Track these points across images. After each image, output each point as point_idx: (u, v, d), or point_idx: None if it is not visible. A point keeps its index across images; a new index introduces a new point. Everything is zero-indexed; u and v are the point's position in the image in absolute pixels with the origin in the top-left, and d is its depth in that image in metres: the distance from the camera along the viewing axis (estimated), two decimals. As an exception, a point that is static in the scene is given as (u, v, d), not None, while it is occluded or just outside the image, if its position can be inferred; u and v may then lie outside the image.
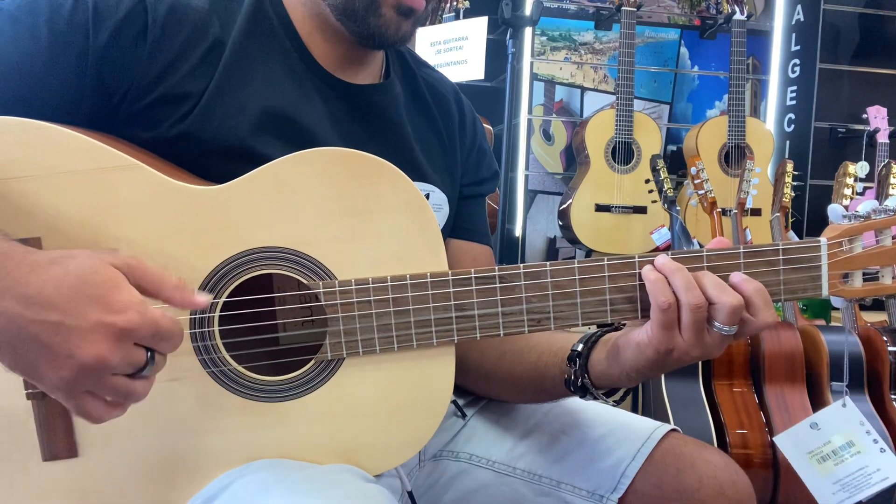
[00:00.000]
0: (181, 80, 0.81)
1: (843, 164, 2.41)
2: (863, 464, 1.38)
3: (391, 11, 0.85)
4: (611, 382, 0.83)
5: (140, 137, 0.80)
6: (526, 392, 0.95)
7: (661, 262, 0.77)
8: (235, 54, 0.84)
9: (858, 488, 1.39)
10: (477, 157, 1.09)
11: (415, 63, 1.04)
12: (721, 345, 0.77)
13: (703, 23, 3.28)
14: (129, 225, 0.74)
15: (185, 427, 0.77)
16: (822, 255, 0.79)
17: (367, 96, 0.94)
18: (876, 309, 2.55)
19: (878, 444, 1.35)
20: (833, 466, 1.42)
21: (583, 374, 0.84)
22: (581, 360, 0.84)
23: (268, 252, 0.76)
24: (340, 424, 0.79)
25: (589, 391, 0.84)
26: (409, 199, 0.78)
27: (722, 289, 0.75)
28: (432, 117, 1.02)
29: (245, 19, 0.86)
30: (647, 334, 0.76)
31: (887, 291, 0.80)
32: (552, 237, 3.21)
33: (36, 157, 0.72)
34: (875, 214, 0.80)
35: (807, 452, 1.44)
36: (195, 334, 0.76)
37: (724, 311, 0.74)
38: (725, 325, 0.75)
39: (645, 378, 0.80)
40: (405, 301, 0.78)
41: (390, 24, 0.86)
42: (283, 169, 0.76)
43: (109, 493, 0.76)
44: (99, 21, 0.77)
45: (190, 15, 0.82)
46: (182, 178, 0.77)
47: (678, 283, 0.75)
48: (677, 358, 0.76)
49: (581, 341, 0.86)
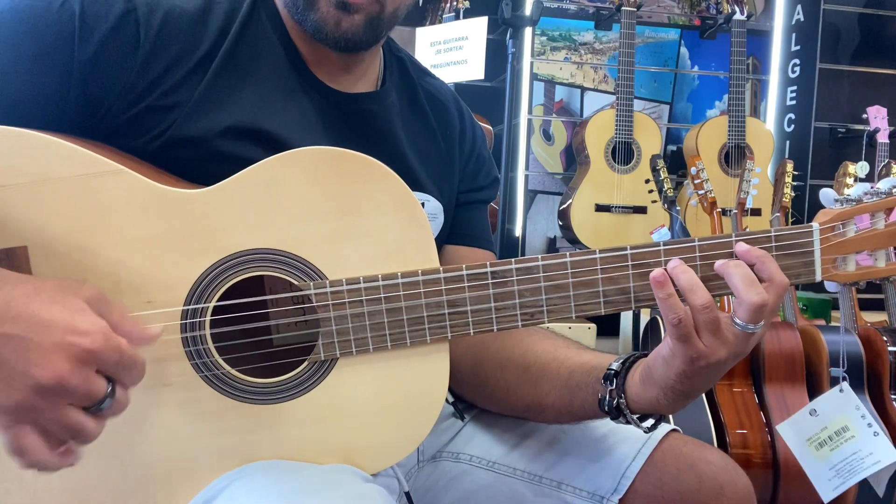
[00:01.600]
0: (171, 90, 0.79)
1: (843, 164, 2.41)
2: (857, 448, 1.39)
3: (327, 6, 0.83)
4: (649, 406, 0.80)
5: (125, 145, 0.79)
6: (548, 410, 0.90)
7: (672, 266, 0.75)
8: (226, 61, 0.83)
9: (852, 473, 1.41)
10: (476, 164, 1.08)
11: (415, 71, 1.03)
12: (746, 341, 0.74)
13: (703, 23, 3.28)
14: (115, 230, 0.73)
15: (180, 432, 0.77)
16: (815, 240, 0.79)
17: (359, 104, 0.93)
18: (876, 309, 2.54)
19: (871, 427, 1.35)
20: (829, 452, 1.43)
21: (619, 394, 0.80)
22: (619, 379, 0.81)
23: (257, 254, 0.76)
24: (336, 424, 0.79)
25: (623, 413, 0.81)
26: (398, 197, 0.78)
27: (750, 285, 0.73)
28: (430, 126, 1.01)
29: (239, 27, 0.85)
30: (668, 347, 0.75)
31: (881, 274, 0.80)
32: (552, 237, 3.21)
33: (20, 164, 0.71)
34: (867, 197, 0.80)
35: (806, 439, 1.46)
36: (187, 339, 0.75)
37: (744, 307, 0.73)
38: (750, 324, 0.73)
39: (683, 397, 0.77)
40: (397, 299, 0.77)
41: (328, 20, 0.83)
42: (271, 169, 0.76)
43: (105, 500, 0.76)
44: (86, 31, 0.75)
45: (185, 25, 0.81)
46: (168, 182, 0.76)
47: (683, 284, 0.74)
48: (705, 364, 0.74)
49: (617, 361, 0.83)
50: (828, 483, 1.46)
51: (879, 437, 1.38)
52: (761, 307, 0.72)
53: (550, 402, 0.89)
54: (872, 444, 1.38)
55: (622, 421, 0.82)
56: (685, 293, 0.74)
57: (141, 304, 0.74)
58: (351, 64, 0.92)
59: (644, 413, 0.81)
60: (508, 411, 0.98)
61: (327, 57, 0.90)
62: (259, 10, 0.87)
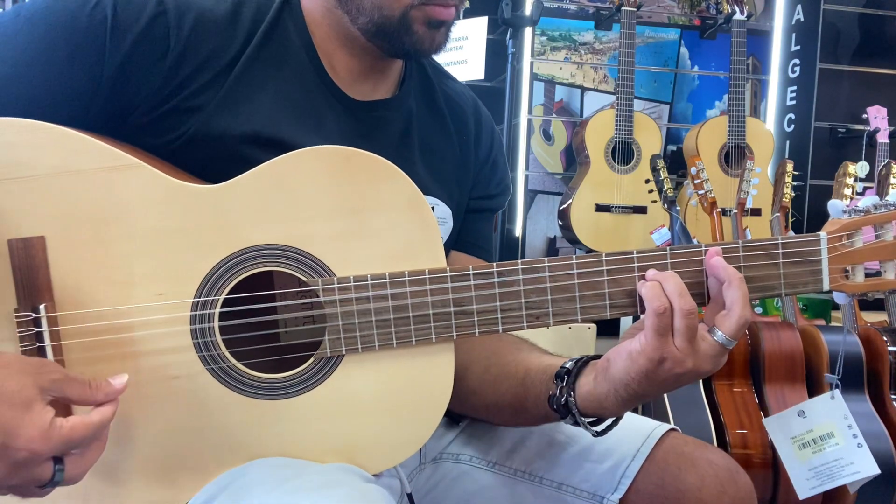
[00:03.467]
0: (195, 92, 0.80)
1: (843, 164, 2.41)
2: (839, 455, 1.42)
3: (422, 27, 0.85)
4: (597, 404, 0.80)
5: (147, 143, 0.80)
6: (505, 410, 0.91)
7: (653, 272, 0.77)
8: (249, 66, 0.83)
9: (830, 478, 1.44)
10: (490, 170, 1.08)
11: (435, 75, 1.04)
12: (716, 357, 0.76)
13: (703, 23, 3.28)
14: (131, 223, 0.75)
15: (186, 425, 0.77)
16: (823, 250, 0.80)
17: (374, 112, 0.93)
18: (876, 309, 2.55)
19: (857, 438, 1.39)
20: (811, 454, 1.46)
21: (568, 391, 0.81)
22: (570, 377, 0.82)
23: (268, 249, 0.77)
24: (341, 422, 0.79)
25: (571, 412, 0.81)
26: (408, 198, 0.78)
27: (748, 301, 0.75)
28: (447, 130, 1.02)
29: (264, 33, 0.85)
30: (640, 342, 0.76)
31: (889, 286, 0.80)
32: (552, 237, 3.21)
33: (40, 156, 0.73)
34: (875, 209, 0.80)
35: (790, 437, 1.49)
36: (195, 330, 0.76)
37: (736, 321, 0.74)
38: (732, 339, 0.75)
39: (633, 399, 0.78)
40: (403, 297, 0.78)
41: (424, 39, 0.86)
42: (283, 167, 0.76)
43: (110, 493, 0.76)
44: (117, 33, 0.76)
45: (214, 29, 0.82)
46: (184, 178, 0.77)
47: (671, 289, 0.75)
48: (669, 369, 0.75)
49: (572, 360, 0.84)
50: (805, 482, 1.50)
51: (863, 448, 1.40)
52: (747, 325, 0.75)
53: (507, 402, 0.89)
54: (855, 454, 1.41)
55: (570, 421, 0.82)
56: (671, 296, 0.75)
57: (153, 295, 0.75)
58: (388, 68, 0.93)
59: (591, 414, 0.82)
60: (472, 413, 0.99)
61: (361, 63, 0.91)
62: (284, 15, 0.88)
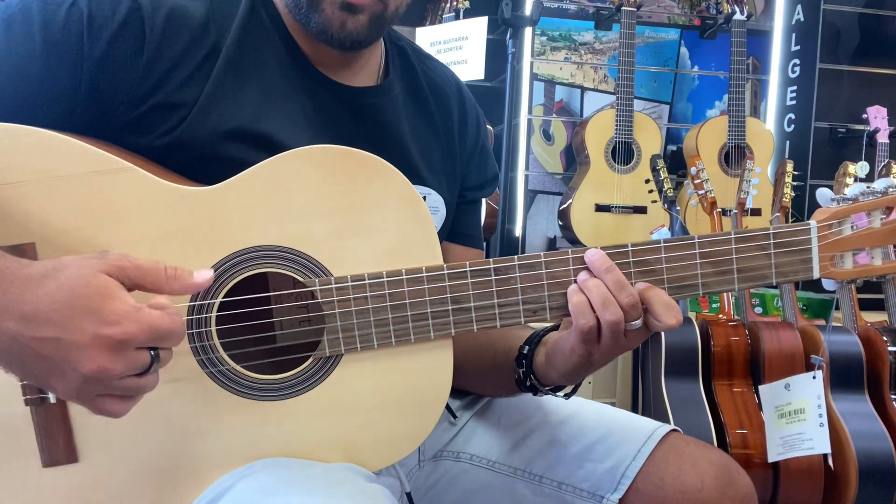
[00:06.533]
0: (177, 88, 0.80)
1: (843, 164, 2.41)
2: (803, 430, 1.61)
3: (331, 8, 0.83)
4: (552, 382, 0.88)
5: (132, 143, 0.80)
6: (488, 386, 1.02)
7: (591, 258, 0.79)
8: (230, 61, 0.83)
9: (792, 448, 1.64)
10: (480, 159, 1.08)
11: (416, 58, 1.03)
12: (641, 338, 0.81)
13: (703, 23, 3.27)
14: (123, 227, 0.74)
15: (186, 429, 0.77)
16: (812, 238, 0.81)
17: (364, 99, 0.93)
18: (876, 309, 2.55)
19: (821, 418, 1.56)
20: (784, 424, 1.66)
21: (530, 374, 0.88)
22: (527, 361, 0.88)
23: (263, 251, 0.76)
24: (341, 420, 0.79)
25: (539, 390, 0.89)
26: (403, 196, 0.78)
27: (621, 290, 0.77)
28: (431, 116, 1.01)
29: (240, 24, 0.85)
30: (570, 344, 0.80)
31: (878, 272, 0.82)
32: (552, 237, 3.21)
33: (29, 162, 0.72)
34: (863, 197, 0.81)
35: (774, 406, 1.72)
36: (192, 334, 0.75)
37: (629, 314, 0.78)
38: (634, 322, 0.78)
39: (579, 377, 0.86)
40: (401, 295, 0.78)
41: (333, 21, 0.83)
42: (276, 167, 0.76)
43: (110, 498, 0.76)
44: (94, 30, 0.76)
45: (188, 22, 0.81)
46: (175, 180, 0.77)
47: (597, 300, 0.77)
48: (599, 359, 0.81)
49: (526, 342, 0.89)
50: (775, 448, 1.74)
51: (823, 428, 1.57)
52: (636, 306, 0.78)
53: (485, 380, 1.01)
54: (815, 432, 1.58)
55: (541, 395, 0.91)
56: (598, 309, 0.77)
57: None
58: (351, 60, 0.92)
59: (554, 385, 0.90)
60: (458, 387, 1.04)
61: (327, 53, 0.90)
62: (258, 8, 0.87)
